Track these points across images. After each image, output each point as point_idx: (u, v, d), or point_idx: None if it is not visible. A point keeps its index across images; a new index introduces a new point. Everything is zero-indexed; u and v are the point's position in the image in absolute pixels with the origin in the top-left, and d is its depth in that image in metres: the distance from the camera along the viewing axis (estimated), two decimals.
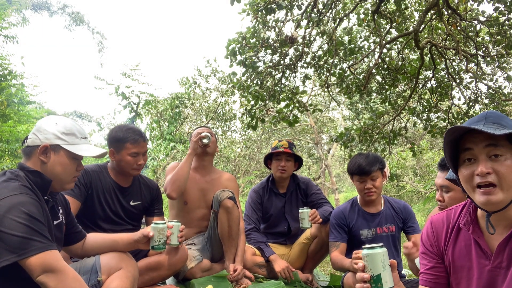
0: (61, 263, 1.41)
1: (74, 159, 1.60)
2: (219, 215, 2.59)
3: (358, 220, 2.58)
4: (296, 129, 12.91)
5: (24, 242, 1.33)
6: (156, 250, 1.84)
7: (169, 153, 10.66)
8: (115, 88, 10.68)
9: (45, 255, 1.36)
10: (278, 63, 4.93)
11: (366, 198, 2.55)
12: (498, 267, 1.16)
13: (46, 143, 1.55)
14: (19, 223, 1.34)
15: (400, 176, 12.82)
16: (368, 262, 1.21)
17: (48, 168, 1.56)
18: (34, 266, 1.35)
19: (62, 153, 1.57)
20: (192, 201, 2.76)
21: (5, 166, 7.05)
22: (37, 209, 1.42)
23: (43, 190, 1.54)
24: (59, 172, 1.57)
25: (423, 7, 5.24)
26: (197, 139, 2.68)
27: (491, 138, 1.10)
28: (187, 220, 2.75)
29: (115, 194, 2.30)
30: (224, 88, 11.14)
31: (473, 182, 1.12)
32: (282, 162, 2.97)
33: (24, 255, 1.33)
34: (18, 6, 10.98)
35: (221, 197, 2.58)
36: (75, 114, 17.31)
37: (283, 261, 2.76)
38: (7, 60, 8.03)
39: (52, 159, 1.56)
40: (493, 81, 6.01)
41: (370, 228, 2.57)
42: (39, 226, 1.38)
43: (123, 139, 2.24)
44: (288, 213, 3.05)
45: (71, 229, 1.79)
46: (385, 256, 1.22)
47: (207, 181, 2.81)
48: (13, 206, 1.36)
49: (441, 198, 1.89)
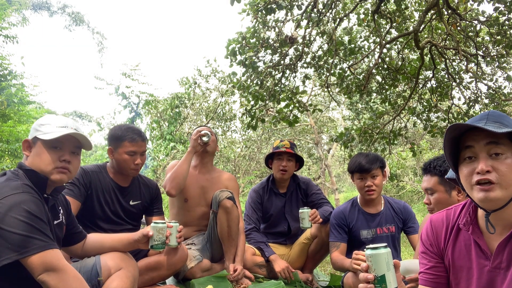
0: (62, 262, 1.41)
1: (52, 147, 1.57)
2: (219, 215, 2.59)
3: (358, 220, 2.59)
4: (296, 129, 12.91)
5: (25, 240, 1.34)
6: (155, 249, 1.84)
7: (169, 153, 10.66)
8: (115, 88, 10.70)
9: (47, 254, 1.37)
10: (278, 63, 4.92)
11: (367, 197, 2.56)
12: (498, 267, 1.16)
13: (29, 138, 1.59)
14: (21, 221, 1.34)
15: (400, 176, 12.82)
16: (372, 262, 1.20)
17: (29, 161, 1.56)
18: (36, 264, 1.35)
19: (39, 144, 1.57)
20: (192, 198, 2.76)
21: (5, 166, 7.05)
22: (38, 207, 1.42)
23: (41, 188, 1.54)
24: (38, 163, 1.56)
25: (423, 7, 5.24)
26: (196, 137, 2.69)
27: (492, 136, 1.10)
28: (187, 219, 2.76)
29: (114, 194, 2.30)
30: (224, 88, 11.14)
31: (472, 180, 1.12)
32: (284, 162, 2.97)
33: (26, 253, 1.34)
34: (18, 6, 10.97)
35: (220, 197, 2.58)
36: (75, 114, 17.28)
37: (283, 261, 2.76)
38: (7, 60, 8.03)
39: (32, 152, 1.57)
40: (493, 81, 6.01)
41: (370, 228, 2.57)
42: (40, 225, 1.39)
43: (122, 137, 2.25)
44: (288, 213, 3.05)
45: (72, 229, 1.79)
46: (389, 256, 1.21)
47: (208, 179, 2.82)
48: (15, 204, 1.36)
49: (428, 201, 1.94)
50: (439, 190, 1.90)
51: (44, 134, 1.56)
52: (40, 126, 1.58)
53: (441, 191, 1.89)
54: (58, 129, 1.57)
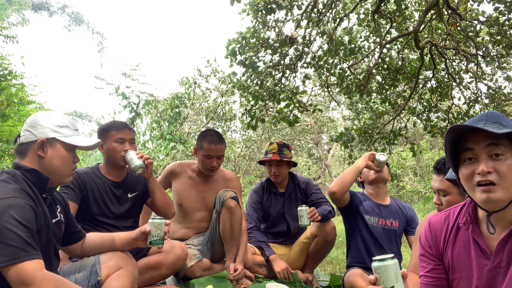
0: (40, 274, 1.32)
1: (70, 151, 1.60)
2: (222, 215, 2.60)
3: (365, 205, 2.62)
4: (296, 129, 12.91)
5: (5, 248, 1.28)
6: (154, 245, 1.84)
7: (169, 153, 10.65)
8: (115, 88, 10.68)
9: (24, 265, 1.29)
10: (278, 63, 4.92)
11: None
12: (498, 266, 1.16)
13: (42, 137, 1.54)
14: (6, 228, 1.29)
15: (400, 176, 12.82)
16: (380, 274, 1.17)
17: (46, 163, 1.54)
18: (12, 277, 1.29)
19: (59, 146, 1.56)
20: (187, 203, 2.77)
21: (5, 166, 7.05)
22: (27, 213, 1.37)
23: (41, 188, 1.53)
24: (58, 165, 1.56)
25: (423, 7, 5.24)
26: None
27: (492, 137, 1.10)
28: (184, 221, 2.78)
29: (110, 190, 2.32)
30: (224, 88, 11.14)
31: (473, 181, 1.12)
32: (273, 168, 3.00)
33: (5, 263, 1.28)
34: (18, 6, 10.96)
35: (224, 197, 2.60)
36: (75, 114, 17.27)
37: (282, 261, 2.76)
38: (7, 60, 8.02)
39: (49, 153, 1.55)
40: (493, 81, 6.01)
41: (373, 216, 2.60)
42: (26, 233, 1.33)
43: (108, 128, 2.32)
44: (288, 212, 3.06)
45: (71, 229, 1.78)
46: (397, 267, 1.18)
47: (207, 184, 2.81)
48: (2, 210, 1.32)
49: (439, 202, 1.89)
50: (452, 192, 1.83)
51: (66, 137, 1.58)
52: (57, 128, 1.58)
53: (454, 193, 1.83)
54: (76, 133, 1.63)
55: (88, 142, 1.64)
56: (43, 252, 1.41)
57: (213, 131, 2.77)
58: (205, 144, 2.64)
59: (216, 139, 2.66)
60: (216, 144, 2.65)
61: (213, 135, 2.68)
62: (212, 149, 2.64)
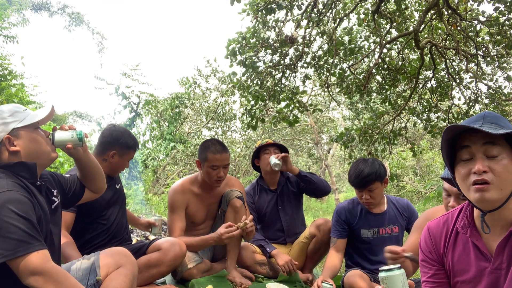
0: (48, 265, 1.36)
1: (36, 129, 1.58)
2: (227, 214, 2.62)
3: (360, 219, 2.58)
4: (296, 129, 12.91)
5: (10, 242, 1.30)
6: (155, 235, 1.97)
7: (169, 153, 10.66)
8: (115, 88, 10.70)
9: (31, 257, 1.32)
10: (278, 63, 4.92)
11: (366, 206, 2.57)
12: (499, 268, 1.16)
13: (4, 135, 1.50)
14: (6, 223, 1.31)
15: (400, 176, 12.81)
16: (388, 285, 1.17)
17: (24, 152, 1.52)
18: (21, 268, 1.31)
19: (23, 133, 1.53)
20: (199, 219, 2.77)
21: None
22: (25, 206, 1.38)
23: (33, 177, 1.52)
24: (36, 148, 1.55)
25: (423, 7, 5.24)
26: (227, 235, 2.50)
27: (489, 137, 1.11)
28: (191, 230, 2.77)
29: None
30: (224, 88, 11.15)
31: (469, 180, 1.13)
32: (271, 153, 3.00)
33: (10, 256, 1.30)
34: (18, 6, 10.97)
35: (230, 196, 2.62)
36: (75, 114, 17.29)
37: (285, 255, 2.76)
38: (7, 60, 8.01)
39: (21, 144, 1.52)
40: (493, 81, 6.01)
41: (372, 228, 2.56)
42: (27, 226, 1.34)
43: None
44: (281, 208, 3.07)
45: (74, 187, 1.83)
46: (404, 277, 1.18)
47: (213, 194, 2.78)
48: (1, 205, 1.33)
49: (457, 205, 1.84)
50: None
51: (22, 121, 1.53)
52: (10, 118, 1.52)
53: None
54: (26, 112, 1.57)
55: (44, 113, 1.60)
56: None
57: (215, 140, 2.72)
58: (209, 155, 2.57)
59: (220, 148, 2.59)
60: (221, 153, 2.58)
61: (216, 145, 2.61)
62: (217, 159, 2.56)
